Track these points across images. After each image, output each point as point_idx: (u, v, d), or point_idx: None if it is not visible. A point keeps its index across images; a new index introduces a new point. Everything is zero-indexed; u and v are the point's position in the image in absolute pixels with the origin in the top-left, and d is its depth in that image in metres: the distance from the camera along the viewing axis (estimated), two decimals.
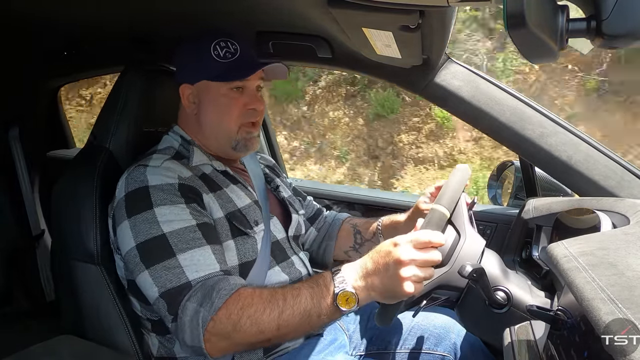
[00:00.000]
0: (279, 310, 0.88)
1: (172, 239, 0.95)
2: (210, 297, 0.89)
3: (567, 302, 0.69)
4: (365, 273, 0.87)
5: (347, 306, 0.86)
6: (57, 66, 1.86)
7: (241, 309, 0.88)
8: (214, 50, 1.09)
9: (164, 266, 0.93)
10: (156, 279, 0.93)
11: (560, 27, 0.50)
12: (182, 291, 0.91)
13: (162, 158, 1.05)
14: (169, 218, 0.96)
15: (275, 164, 1.44)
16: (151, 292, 0.94)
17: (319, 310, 0.88)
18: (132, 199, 0.99)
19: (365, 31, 0.95)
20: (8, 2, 1.12)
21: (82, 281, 1.09)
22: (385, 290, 0.85)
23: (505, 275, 0.93)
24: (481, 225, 1.49)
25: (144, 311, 1.06)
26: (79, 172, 1.16)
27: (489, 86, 1.21)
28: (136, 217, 0.97)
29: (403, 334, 1.20)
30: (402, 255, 0.82)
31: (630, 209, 0.90)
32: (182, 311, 0.90)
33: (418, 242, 0.83)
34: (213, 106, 1.11)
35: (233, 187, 1.12)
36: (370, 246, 1.28)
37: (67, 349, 1.04)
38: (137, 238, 0.96)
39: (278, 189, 1.30)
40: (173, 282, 0.92)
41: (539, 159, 1.19)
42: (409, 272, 0.82)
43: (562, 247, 0.69)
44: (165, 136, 1.17)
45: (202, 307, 0.89)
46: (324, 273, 0.91)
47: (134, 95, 1.19)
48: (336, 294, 0.86)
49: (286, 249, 1.18)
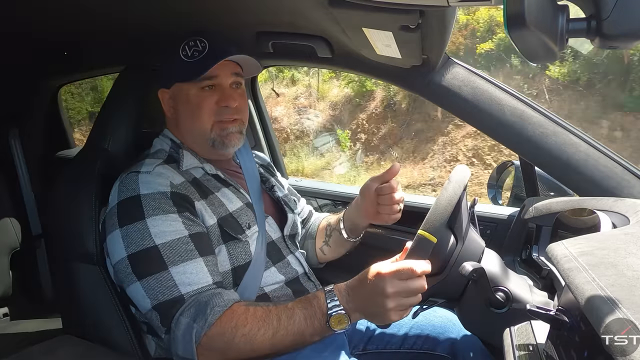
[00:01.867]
0: (272, 330, 0.89)
1: (165, 251, 0.95)
2: (204, 314, 0.89)
3: (567, 302, 0.69)
4: (355, 297, 0.90)
5: (340, 327, 0.89)
6: (57, 66, 1.87)
7: (235, 328, 0.89)
8: (182, 50, 1.08)
9: (156, 279, 0.93)
10: (148, 290, 0.94)
11: (560, 27, 0.50)
12: (175, 305, 0.92)
13: (154, 163, 1.04)
14: (162, 229, 0.96)
15: (270, 163, 1.44)
16: (143, 303, 0.95)
17: (312, 331, 0.90)
18: (124, 207, 0.99)
19: (365, 31, 0.95)
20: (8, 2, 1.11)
21: (81, 281, 1.09)
22: (373, 316, 0.89)
23: (505, 275, 0.93)
24: (481, 225, 1.49)
25: (139, 314, 1.06)
26: (78, 172, 1.16)
27: (488, 86, 1.21)
28: (128, 227, 0.97)
29: (402, 333, 1.20)
30: (386, 288, 0.84)
31: (630, 209, 0.90)
32: (176, 325, 0.91)
33: (401, 273, 0.84)
34: (186, 108, 1.10)
35: (225, 190, 1.11)
36: (337, 236, 1.28)
37: (67, 349, 1.04)
38: (128, 248, 0.96)
39: (273, 189, 1.29)
40: (166, 295, 0.93)
41: (539, 158, 1.19)
42: (393, 303, 0.84)
43: (562, 247, 0.69)
44: (155, 139, 1.16)
45: (196, 323, 0.89)
46: (317, 293, 0.92)
47: (133, 95, 1.20)
48: (330, 315, 0.88)
49: (282, 248, 1.18)
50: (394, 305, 0.84)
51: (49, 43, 1.54)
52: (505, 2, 0.47)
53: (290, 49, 1.34)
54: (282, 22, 1.22)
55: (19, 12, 1.20)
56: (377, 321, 0.90)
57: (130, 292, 0.97)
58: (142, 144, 1.18)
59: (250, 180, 1.21)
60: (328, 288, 0.92)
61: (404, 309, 0.86)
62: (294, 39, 1.30)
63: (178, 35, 1.11)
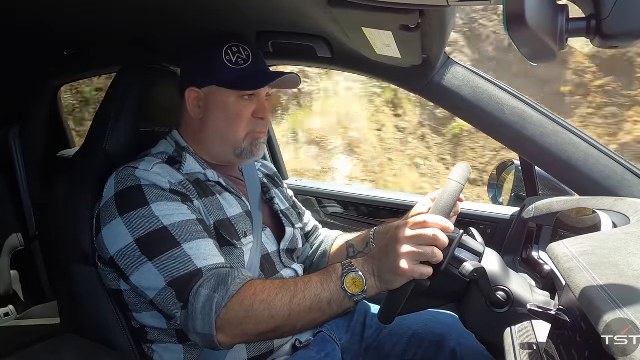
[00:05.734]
0: (290, 295, 0.87)
1: (175, 230, 0.93)
2: (226, 284, 0.88)
3: (568, 301, 0.69)
4: (371, 258, 0.89)
5: (355, 289, 0.86)
6: (57, 66, 1.87)
7: (253, 295, 0.87)
8: (225, 55, 1.06)
9: (169, 256, 0.91)
10: (162, 269, 0.91)
11: (560, 26, 0.50)
12: (193, 278, 0.90)
13: (153, 162, 1.02)
14: (168, 212, 0.95)
15: (276, 174, 1.39)
16: (155, 283, 0.91)
17: (330, 296, 0.87)
18: (123, 197, 0.96)
19: (365, 31, 0.95)
20: (9, 2, 1.11)
21: (78, 282, 1.08)
22: (385, 270, 0.86)
23: (506, 275, 0.93)
24: (482, 225, 1.49)
25: (135, 322, 1.04)
26: (75, 172, 1.15)
27: (488, 86, 1.21)
28: (130, 214, 0.94)
29: (402, 343, 1.18)
30: (398, 234, 0.85)
31: (630, 208, 0.90)
32: (195, 297, 0.88)
33: (414, 222, 0.86)
34: (222, 113, 1.08)
35: (226, 194, 1.09)
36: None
37: (69, 348, 1.03)
38: (135, 233, 0.93)
39: (273, 200, 1.24)
40: (181, 270, 0.90)
41: (539, 158, 1.19)
42: (404, 249, 0.83)
43: (562, 246, 0.69)
44: (162, 140, 1.14)
45: (217, 293, 0.87)
46: (335, 264, 0.92)
47: (131, 95, 1.19)
48: (344, 276, 0.87)
49: (276, 263, 1.13)
50: (406, 251, 0.83)
51: (49, 43, 1.54)
52: (505, 2, 0.47)
53: (290, 48, 1.34)
54: (282, 22, 1.22)
55: (19, 12, 1.21)
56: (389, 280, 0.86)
57: (140, 277, 0.93)
58: (141, 144, 1.17)
59: (252, 189, 1.19)
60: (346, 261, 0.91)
61: (415, 258, 0.83)
62: (293, 38, 1.29)
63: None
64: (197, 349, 1.01)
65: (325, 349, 1.10)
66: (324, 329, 1.14)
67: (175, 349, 1.02)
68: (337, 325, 1.20)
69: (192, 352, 1.01)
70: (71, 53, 1.66)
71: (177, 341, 1.01)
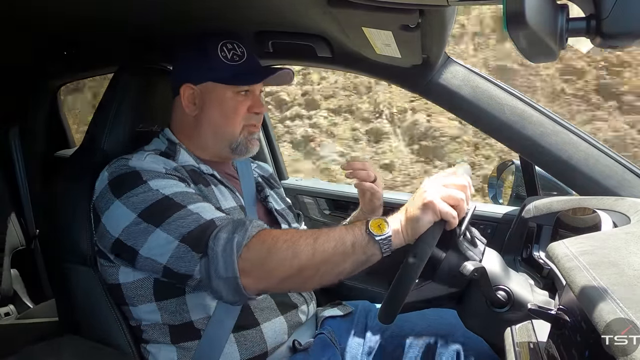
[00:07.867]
0: (314, 236, 0.86)
1: (177, 197, 0.93)
2: (244, 226, 0.88)
3: (568, 301, 0.69)
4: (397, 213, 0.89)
5: (379, 230, 0.85)
6: (57, 66, 1.86)
7: (275, 236, 0.88)
8: (220, 51, 1.08)
9: (177, 217, 0.90)
10: (172, 230, 0.90)
11: (560, 26, 0.50)
12: (207, 229, 0.89)
13: (146, 153, 1.03)
14: (167, 185, 0.95)
15: (272, 175, 1.39)
16: (167, 245, 0.89)
17: (353, 238, 0.85)
18: (119, 181, 0.96)
19: (365, 30, 0.95)
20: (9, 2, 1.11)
21: (76, 283, 1.07)
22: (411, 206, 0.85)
23: (506, 275, 0.93)
24: (482, 225, 1.49)
25: (132, 320, 1.04)
26: (73, 172, 1.15)
27: (488, 85, 1.21)
28: (127, 194, 0.94)
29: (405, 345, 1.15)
30: (426, 184, 0.86)
31: (630, 208, 0.90)
32: (214, 241, 0.87)
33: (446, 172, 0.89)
34: (218, 108, 1.09)
35: (220, 187, 1.10)
36: None
37: (69, 348, 1.03)
38: (136, 209, 0.93)
39: (267, 199, 1.24)
40: (192, 225, 0.89)
41: (540, 158, 1.19)
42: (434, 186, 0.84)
43: (562, 246, 0.69)
44: (154, 138, 1.15)
45: (236, 234, 0.87)
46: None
47: (129, 94, 1.19)
48: (368, 220, 0.87)
49: None
50: (432, 187, 0.84)
51: (49, 43, 1.54)
52: (505, 1, 0.47)
53: (290, 48, 1.34)
54: (282, 22, 1.22)
55: (19, 12, 1.20)
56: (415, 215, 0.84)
57: (149, 245, 0.91)
58: (139, 143, 1.17)
59: (246, 186, 1.20)
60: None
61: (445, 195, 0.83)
62: (293, 38, 1.29)
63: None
64: (190, 350, 1.00)
65: (325, 354, 1.08)
66: (325, 331, 1.13)
67: (168, 349, 1.01)
68: (338, 327, 1.18)
69: (185, 353, 1.01)
70: (71, 53, 1.66)
71: (171, 341, 1.01)
